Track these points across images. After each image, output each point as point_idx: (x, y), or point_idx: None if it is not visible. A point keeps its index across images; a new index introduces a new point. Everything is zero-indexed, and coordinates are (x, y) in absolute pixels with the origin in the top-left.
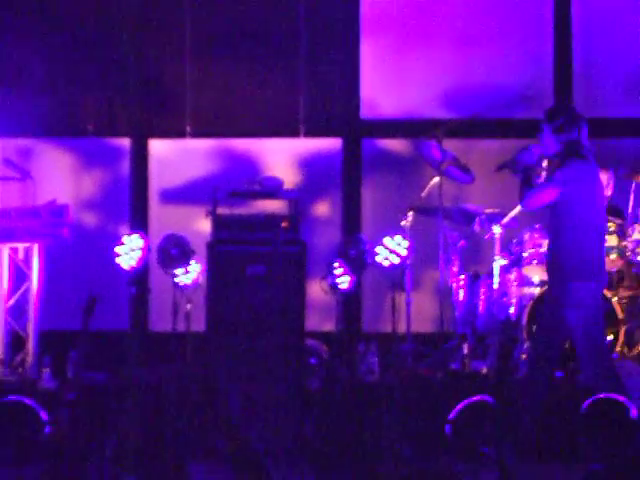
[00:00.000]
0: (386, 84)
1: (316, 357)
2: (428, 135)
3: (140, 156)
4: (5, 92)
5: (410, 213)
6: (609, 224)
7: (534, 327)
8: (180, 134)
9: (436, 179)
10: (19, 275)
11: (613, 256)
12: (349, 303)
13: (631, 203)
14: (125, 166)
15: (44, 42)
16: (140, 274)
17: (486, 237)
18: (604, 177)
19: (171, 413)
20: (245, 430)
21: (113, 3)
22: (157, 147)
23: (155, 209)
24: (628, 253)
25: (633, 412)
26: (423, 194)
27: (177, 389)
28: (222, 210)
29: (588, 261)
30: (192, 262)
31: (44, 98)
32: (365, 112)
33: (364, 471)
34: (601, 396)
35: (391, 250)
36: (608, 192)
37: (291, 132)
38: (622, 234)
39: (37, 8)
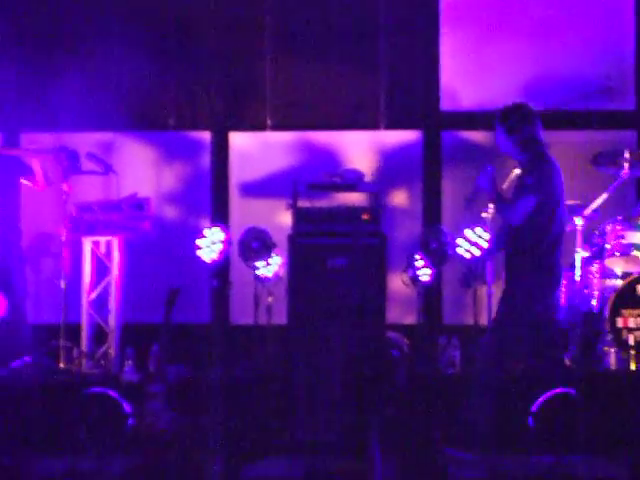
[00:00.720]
0: (466, 75)
1: (397, 350)
2: None
3: (221, 149)
4: (88, 87)
5: (491, 205)
6: None
7: (617, 319)
8: (260, 127)
9: (517, 171)
10: (101, 268)
11: None
12: (430, 295)
13: None
14: (206, 159)
15: (127, 38)
16: (221, 267)
17: (567, 229)
18: None
19: (252, 406)
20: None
21: None
22: (238, 140)
23: (236, 202)
24: None
25: None
26: (504, 186)
27: (258, 382)
28: (302, 203)
29: (544, 260)
30: (273, 255)
31: (126, 92)
32: (445, 104)
33: (445, 461)
34: None
35: (472, 242)
36: None
37: (371, 124)
38: None
39: (118, 3)
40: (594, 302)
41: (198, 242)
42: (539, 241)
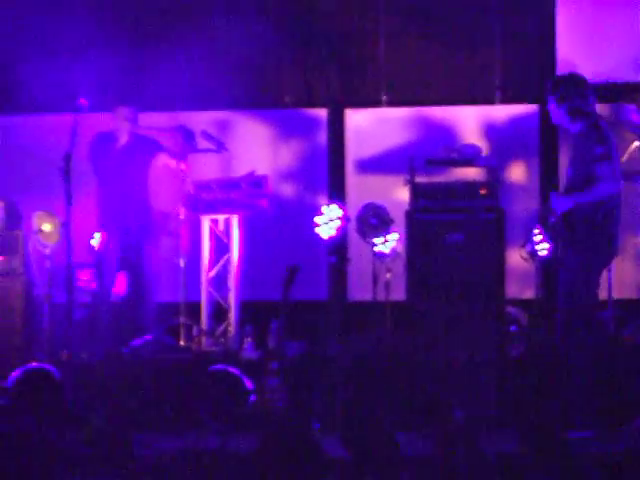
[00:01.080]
0: (583, 47)
1: (516, 325)
2: (627, 99)
3: (337, 126)
4: (202, 66)
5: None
6: None
7: None
8: (376, 103)
9: (636, 143)
10: (220, 246)
11: None
12: (548, 270)
13: None
14: (322, 136)
15: (242, 16)
16: (339, 244)
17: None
18: None
19: (371, 383)
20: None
21: None
22: (354, 117)
23: (352, 179)
24: None
25: None
26: (623, 159)
27: (377, 359)
28: (420, 178)
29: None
30: (391, 231)
31: (241, 70)
32: None
33: (561, 438)
34: None
35: None
36: None
37: (487, 99)
38: None
39: None
40: None
41: (316, 219)
42: (595, 212)
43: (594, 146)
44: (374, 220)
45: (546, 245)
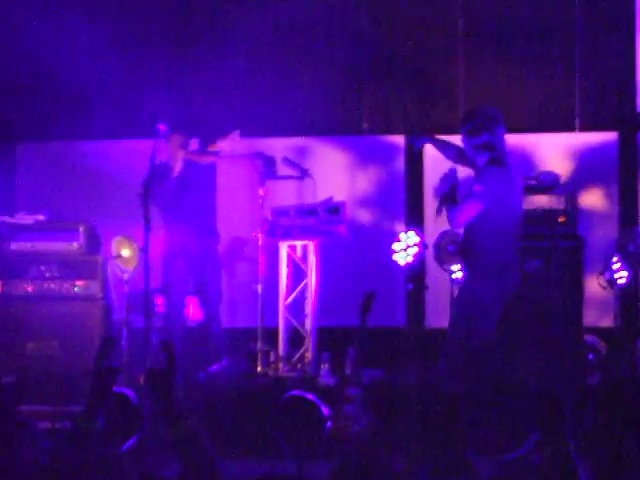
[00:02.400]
0: None
1: (594, 353)
2: None
3: (415, 153)
4: (285, 93)
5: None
6: None
7: None
8: (455, 130)
9: None
10: (297, 272)
11: None
12: (627, 298)
13: None
14: (400, 163)
15: (321, 43)
16: (416, 270)
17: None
18: None
19: (446, 409)
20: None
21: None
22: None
23: (430, 205)
24: None
25: None
26: None
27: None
28: None
29: (494, 263)
30: None
31: (321, 98)
32: None
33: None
34: None
35: None
36: None
37: (566, 126)
38: None
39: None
40: None
41: (393, 246)
42: (486, 246)
43: (477, 183)
44: (452, 247)
45: (625, 273)
